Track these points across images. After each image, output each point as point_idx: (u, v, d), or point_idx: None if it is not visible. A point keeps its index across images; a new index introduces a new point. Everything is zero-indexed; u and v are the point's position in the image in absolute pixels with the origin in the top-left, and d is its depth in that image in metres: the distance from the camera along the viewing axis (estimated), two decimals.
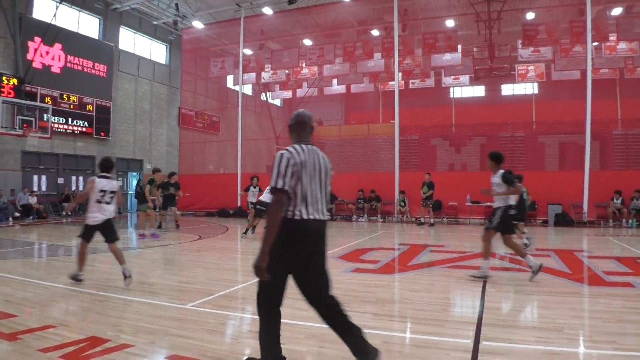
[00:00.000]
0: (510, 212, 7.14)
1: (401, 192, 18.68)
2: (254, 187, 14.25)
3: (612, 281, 7.02)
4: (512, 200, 7.22)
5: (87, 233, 6.72)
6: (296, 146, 3.35)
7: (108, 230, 6.70)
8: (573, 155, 20.50)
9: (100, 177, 6.71)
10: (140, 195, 13.06)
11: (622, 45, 20.12)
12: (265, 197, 11.79)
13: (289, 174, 3.18)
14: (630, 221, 16.30)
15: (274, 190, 3.18)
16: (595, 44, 19.48)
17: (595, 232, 14.52)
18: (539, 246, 11.00)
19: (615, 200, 16.62)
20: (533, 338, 4.31)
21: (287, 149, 3.31)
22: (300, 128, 3.53)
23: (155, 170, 13.94)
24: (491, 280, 6.93)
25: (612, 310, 5.33)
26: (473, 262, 8.66)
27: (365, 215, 19.20)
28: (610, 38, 19.84)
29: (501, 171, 7.20)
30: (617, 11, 19.72)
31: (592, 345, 4.19)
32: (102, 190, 6.61)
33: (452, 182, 18.59)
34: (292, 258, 3.30)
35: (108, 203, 6.67)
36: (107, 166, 6.87)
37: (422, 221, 16.98)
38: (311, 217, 3.28)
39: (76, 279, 6.61)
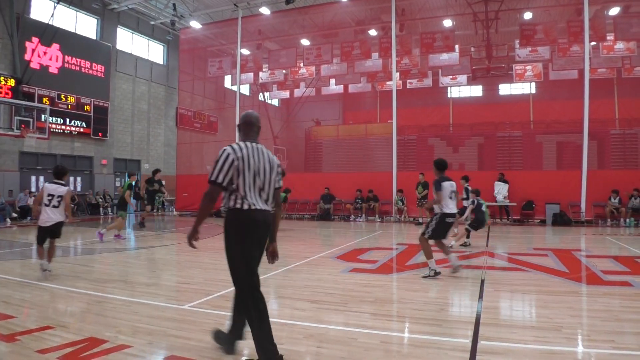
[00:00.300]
0: (446, 220, 7.40)
1: (399, 190, 18.68)
2: None
3: (610, 280, 7.02)
4: (449, 208, 7.37)
5: (39, 235, 7.23)
6: (240, 143, 3.72)
7: (56, 231, 7.27)
8: (571, 155, 20.55)
9: (50, 182, 7.29)
10: (121, 200, 12.79)
11: (620, 45, 20.14)
12: None
13: (225, 168, 3.58)
14: (628, 220, 16.34)
15: (210, 182, 3.63)
16: (593, 43, 19.49)
17: (593, 232, 14.54)
18: (537, 245, 11.04)
19: (613, 200, 16.65)
20: (531, 337, 4.32)
21: (230, 145, 3.67)
22: (246, 128, 3.89)
23: (156, 172, 13.94)
24: (489, 279, 6.95)
25: (611, 309, 5.34)
26: (472, 261, 8.70)
27: (363, 215, 19.21)
28: (608, 38, 19.85)
29: (435, 179, 7.41)
30: (614, 11, 19.74)
31: (591, 345, 4.20)
32: (50, 195, 7.15)
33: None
34: (248, 242, 3.60)
35: (55, 207, 7.15)
36: (58, 172, 7.41)
37: (420, 221, 16.99)
38: (256, 207, 3.60)
39: (43, 268, 7.07)
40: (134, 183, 13.24)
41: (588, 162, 17.18)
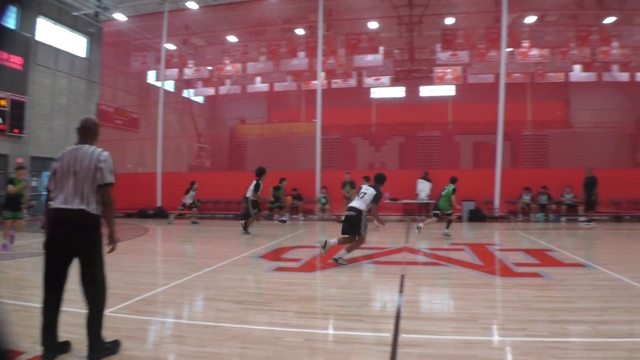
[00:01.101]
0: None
1: (323, 187, 18.81)
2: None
3: (521, 272, 7.42)
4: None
5: None
6: (67, 148, 4.00)
7: None
8: (486, 155, 21.51)
9: None
10: (14, 199, 10.44)
11: (534, 52, 21.42)
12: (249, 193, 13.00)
13: (51, 176, 3.92)
14: (537, 215, 17.39)
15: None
16: (510, 49, 20.54)
17: (506, 227, 15.34)
18: (454, 241, 11.47)
19: (524, 197, 17.65)
20: (450, 329, 4.47)
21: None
22: (81, 132, 4.07)
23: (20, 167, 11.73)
24: (409, 274, 7.12)
25: (522, 299, 5.63)
26: (393, 257, 8.90)
27: (287, 214, 19.16)
28: (523, 44, 21.04)
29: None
30: (530, 19, 20.94)
31: (505, 333, 4.41)
32: None
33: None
34: (49, 240, 3.79)
35: None
36: None
37: (342, 219, 17.17)
38: (59, 206, 3.76)
39: None
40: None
41: (502, 161, 18.11)
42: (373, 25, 21.98)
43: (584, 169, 16.15)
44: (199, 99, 33.05)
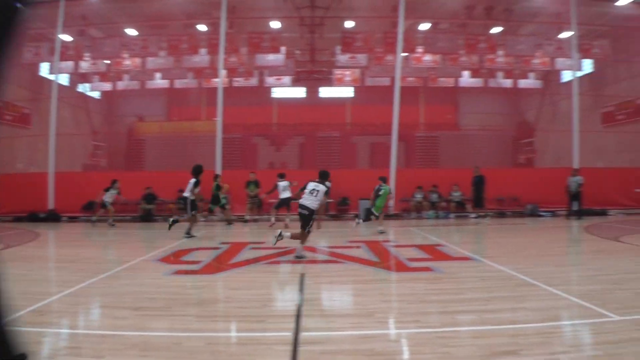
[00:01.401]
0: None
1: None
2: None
3: (414, 267, 7.78)
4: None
5: None
6: None
7: None
8: (382, 155, 22.22)
9: None
10: None
11: (427, 57, 22.53)
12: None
13: None
14: (429, 212, 18.33)
15: None
16: (405, 54, 21.40)
17: (400, 224, 16.01)
18: (352, 238, 11.77)
19: (417, 195, 18.52)
20: (348, 324, 4.59)
21: None
22: None
23: None
24: (309, 273, 7.22)
25: (415, 292, 5.91)
26: (292, 256, 8.94)
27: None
28: (418, 50, 22.04)
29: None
30: (425, 26, 21.97)
31: (400, 326, 4.61)
32: None
33: (272, 180, 18.98)
34: None
35: None
36: None
37: (247, 219, 17.06)
38: None
39: None
40: None
41: (397, 161, 18.86)
42: (275, 25, 21.98)
43: (472, 169, 17.29)
44: (95, 94, 31.12)
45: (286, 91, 30.19)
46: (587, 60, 24.81)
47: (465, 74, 26.15)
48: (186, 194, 12.37)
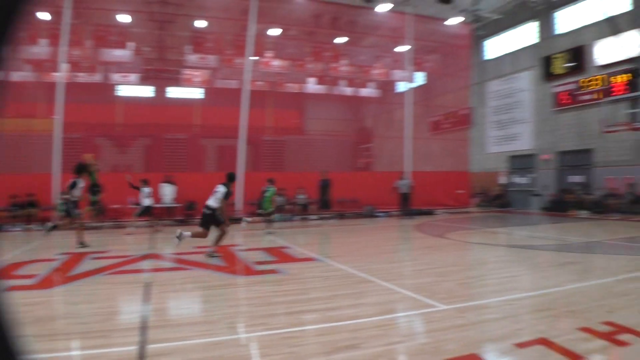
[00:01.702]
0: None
1: (63, 192, 16.99)
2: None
3: (261, 270, 7.94)
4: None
5: None
6: None
7: None
8: (230, 158, 22.16)
9: None
10: None
11: (276, 62, 22.98)
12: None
13: None
14: (275, 216, 18.66)
15: None
16: (254, 58, 21.57)
17: (249, 227, 16.10)
18: (199, 244, 11.58)
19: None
20: (196, 333, 4.56)
21: None
22: None
23: None
24: (155, 282, 7.00)
25: (263, 295, 6.06)
26: (138, 265, 8.60)
27: (21, 224, 16.64)
28: (267, 54, 22.37)
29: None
30: (274, 32, 22.32)
31: (248, 330, 4.71)
32: None
33: (116, 184, 17.92)
34: None
35: None
36: None
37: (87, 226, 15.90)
38: None
39: None
40: None
41: (244, 164, 18.98)
42: (124, 18, 20.69)
43: (318, 172, 18.02)
44: None
45: (133, 90, 28.60)
46: (419, 73, 27.28)
47: (311, 80, 27.16)
48: (66, 195, 11.21)
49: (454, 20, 24.18)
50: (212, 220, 9.22)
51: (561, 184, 23.57)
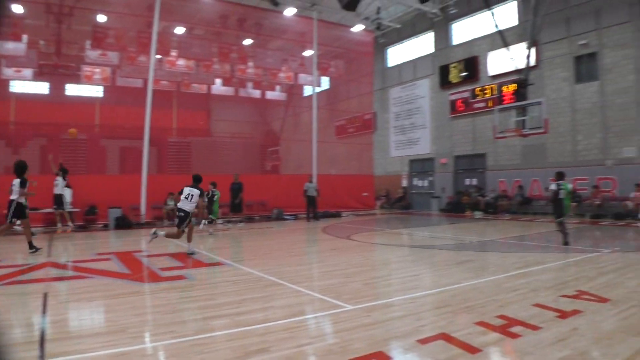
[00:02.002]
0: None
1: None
2: None
3: (167, 276, 7.73)
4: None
5: None
6: None
7: None
8: (133, 160, 21.37)
9: None
10: None
11: (181, 62, 22.42)
12: None
13: None
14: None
15: None
16: (159, 56, 20.92)
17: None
18: (100, 250, 11.08)
19: (169, 202, 18.27)
20: (99, 344, 4.36)
21: None
22: None
23: None
24: (53, 292, 6.61)
25: (169, 302, 5.92)
26: (35, 274, 8.04)
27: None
28: (172, 53, 21.76)
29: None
30: (180, 30, 21.75)
31: (155, 339, 4.58)
32: None
33: (5, 188, 16.60)
34: None
35: None
36: None
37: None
38: None
39: None
40: None
41: (148, 167, 18.34)
42: (17, 9, 19.09)
43: (225, 175, 17.80)
44: None
45: (27, 86, 26.59)
46: (325, 77, 27.82)
47: (218, 81, 26.83)
48: (14, 196, 10.13)
49: (358, 28, 24.92)
50: (185, 221, 10.01)
51: (458, 186, 25.02)
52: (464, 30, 25.32)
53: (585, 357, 3.93)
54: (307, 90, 30.47)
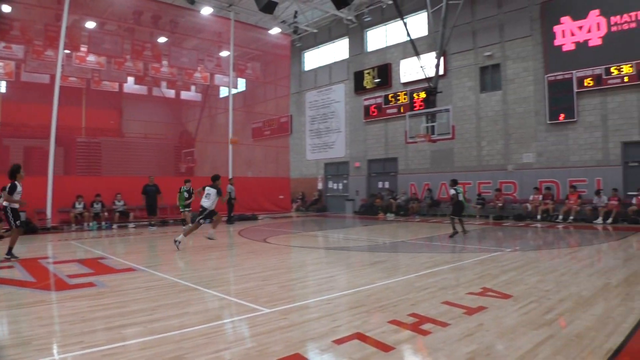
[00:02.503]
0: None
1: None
2: None
3: (76, 283, 7.42)
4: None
5: None
6: None
7: None
8: (38, 160, 20.21)
9: None
10: None
11: (92, 58, 21.44)
12: None
13: None
14: (91, 224, 17.50)
15: None
16: (68, 51, 19.93)
17: (59, 237, 14.86)
18: (2, 257, 10.43)
19: (78, 205, 17.47)
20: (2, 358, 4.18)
21: None
22: None
23: None
24: None
25: (78, 311, 5.69)
26: None
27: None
28: (82, 49, 20.76)
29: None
30: (90, 25, 20.74)
31: (63, 350, 4.40)
32: None
33: None
34: None
35: None
36: None
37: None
38: None
39: None
40: None
41: (54, 168, 17.40)
42: None
43: (138, 177, 17.28)
44: None
45: None
46: (242, 79, 27.69)
47: (131, 79, 25.94)
48: (4, 203, 9.39)
49: (276, 31, 25.04)
50: (204, 214, 11.76)
51: (371, 189, 25.79)
52: (377, 38, 26.15)
53: (491, 350, 4.22)
54: (224, 92, 30.16)
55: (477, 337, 4.56)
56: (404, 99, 23.99)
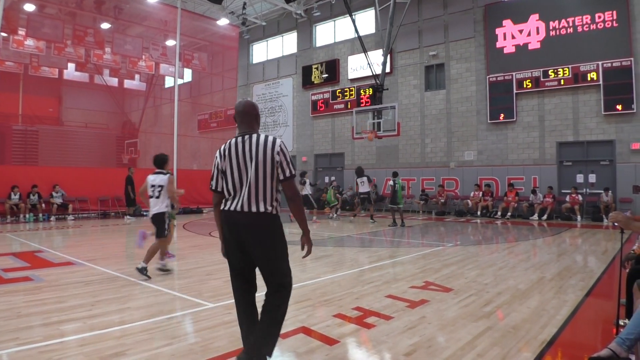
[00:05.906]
0: None
1: None
2: None
3: (11, 278, 7.17)
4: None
5: None
6: (229, 141, 3.52)
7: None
8: None
9: None
10: None
11: (30, 42, 20.50)
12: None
13: (214, 174, 3.62)
14: (28, 216, 16.82)
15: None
16: (4, 34, 19.07)
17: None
18: None
19: (13, 196, 16.73)
20: None
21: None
22: (237, 118, 3.58)
23: None
24: None
25: (13, 307, 5.51)
26: None
27: None
28: (20, 32, 19.85)
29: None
30: (30, 7, 19.76)
31: None
32: None
33: None
34: (227, 244, 3.63)
35: None
36: None
37: None
38: (230, 209, 3.50)
39: None
40: None
41: None
42: None
43: (80, 167, 16.80)
44: None
45: None
46: (188, 69, 27.18)
47: (71, 66, 25.00)
48: None
49: (224, 21, 24.73)
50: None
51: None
52: (326, 33, 26.27)
53: (432, 342, 4.39)
54: (169, 82, 29.52)
55: (419, 330, 4.74)
56: (351, 94, 24.25)
